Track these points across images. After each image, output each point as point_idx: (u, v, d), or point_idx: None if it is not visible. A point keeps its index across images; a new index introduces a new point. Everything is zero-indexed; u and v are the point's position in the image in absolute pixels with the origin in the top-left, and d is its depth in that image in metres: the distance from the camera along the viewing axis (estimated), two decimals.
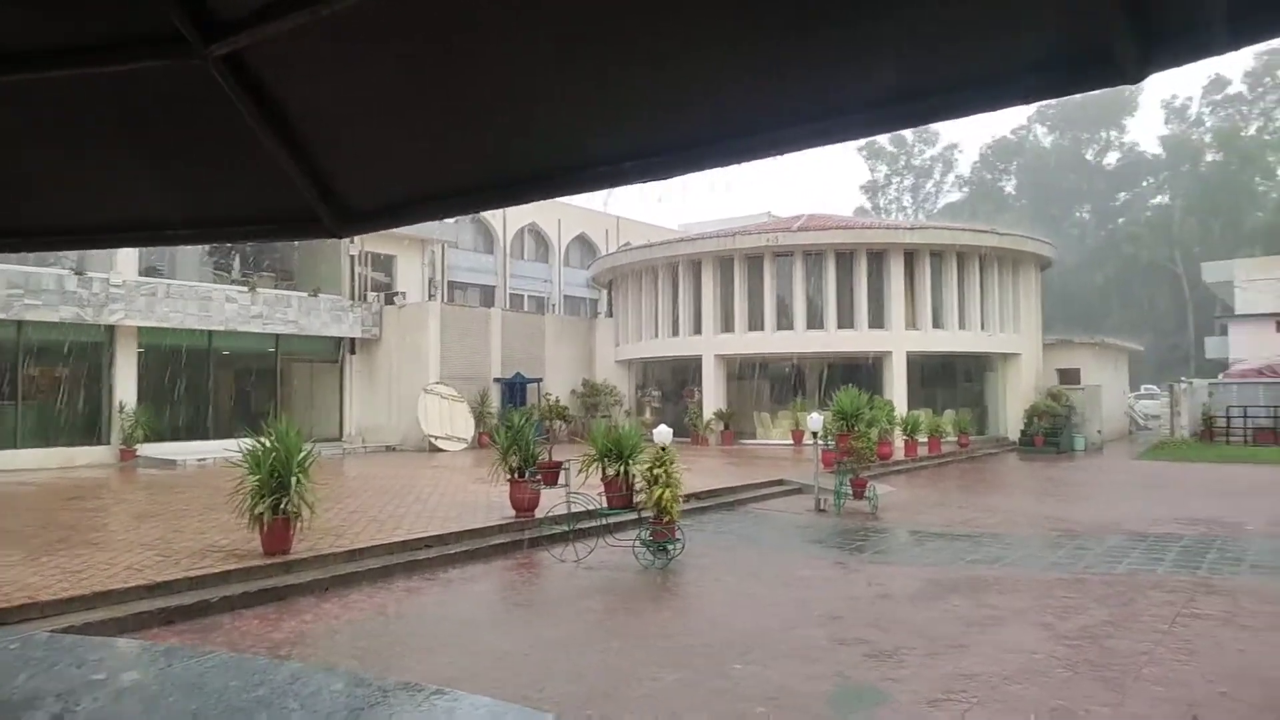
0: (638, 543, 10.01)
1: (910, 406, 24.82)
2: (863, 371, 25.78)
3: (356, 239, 25.64)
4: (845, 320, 25.93)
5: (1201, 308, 56.76)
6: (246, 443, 9.21)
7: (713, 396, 26.89)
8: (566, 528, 10.66)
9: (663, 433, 10.61)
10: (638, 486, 10.55)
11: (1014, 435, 26.92)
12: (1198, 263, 51.65)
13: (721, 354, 27.04)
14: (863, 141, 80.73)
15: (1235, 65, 67.44)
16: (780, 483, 16.79)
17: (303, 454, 9.08)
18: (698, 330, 27.42)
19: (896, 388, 25.26)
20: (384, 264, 28.64)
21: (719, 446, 25.81)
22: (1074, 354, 29.58)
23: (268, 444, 8.98)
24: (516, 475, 11.57)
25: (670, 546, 10.06)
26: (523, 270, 40.81)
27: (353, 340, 26.37)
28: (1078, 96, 70.29)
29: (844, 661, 6.39)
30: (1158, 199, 70.69)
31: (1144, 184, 72.15)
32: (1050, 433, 25.75)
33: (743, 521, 13.45)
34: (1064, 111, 72.41)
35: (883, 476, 18.60)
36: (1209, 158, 67.73)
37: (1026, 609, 7.97)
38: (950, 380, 29.83)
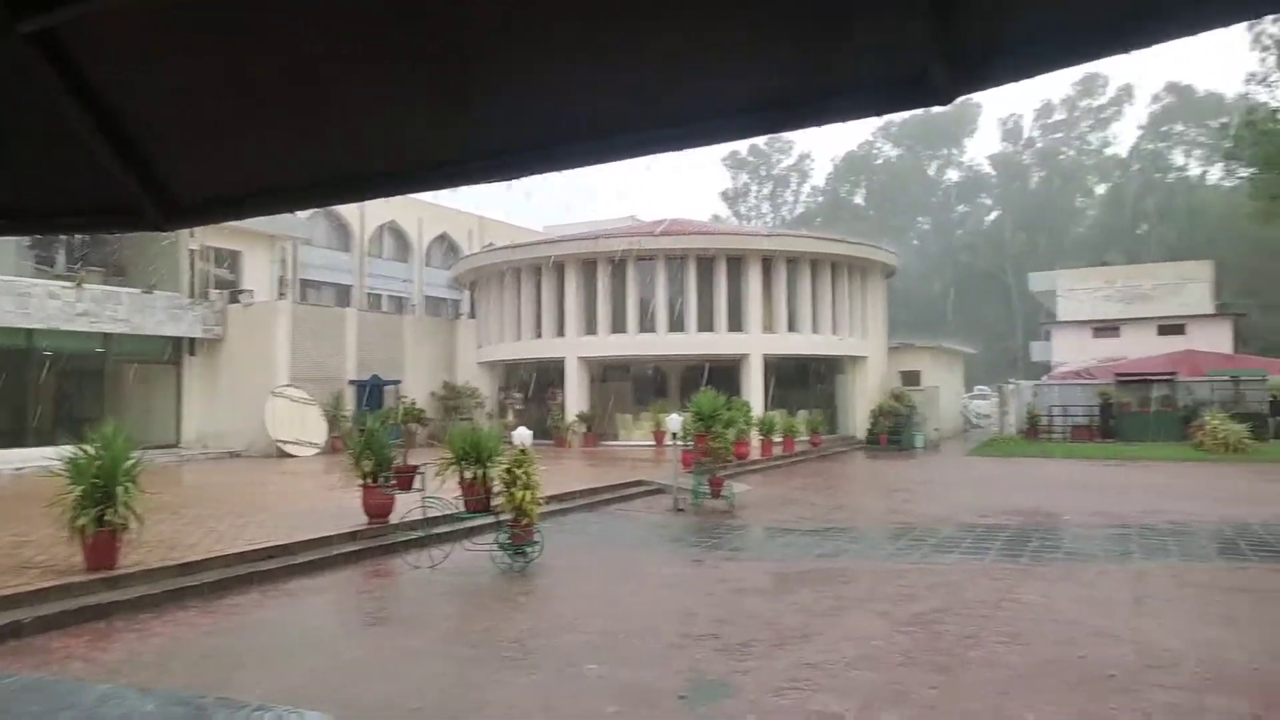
0: (496, 546, 9.90)
1: (766, 407, 25.66)
2: (722, 373, 26.45)
3: (197, 233, 24.18)
4: (705, 323, 26.52)
5: (1029, 315, 61.45)
6: (68, 450, 8.51)
7: (575, 398, 26.92)
8: (422, 533, 10.41)
9: (522, 434, 10.53)
10: (496, 489, 10.42)
11: (862, 434, 28.27)
12: (1025, 273, 55.86)
13: (584, 356, 27.11)
14: (725, 150, 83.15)
15: (1058, 90, 73.33)
16: (640, 483, 16.99)
17: (130, 461, 8.47)
18: (561, 332, 27.39)
19: (754, 389, 26.04)
20: (229, 260, 27.13)
21: (581, 448, 25.86)
22: (915, 357, 31.38)
23: (92, 451, 8.33)
24: (370, 480, 11.21)
25: (529, 549, 9.99)
26: (381, 269, 39.57)
27: (192, 341, 24.83)
28: (921, 116, 74.79)
29: (696, 657, 6.53)
30: (991, 214, 76.00)
31: (979, 199, 77.44)
32: (894, 431, 27.19)
33: (603, 522, 13.53)
34: (907, 129, 76.78)
35: (740, 475, 19.12)
36: (1035, 176, 73.41)
37: (867, 598, 8.39)
38: (804, 382, 31.02)
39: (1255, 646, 6.59)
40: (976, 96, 74.60)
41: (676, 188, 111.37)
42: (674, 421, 14.78)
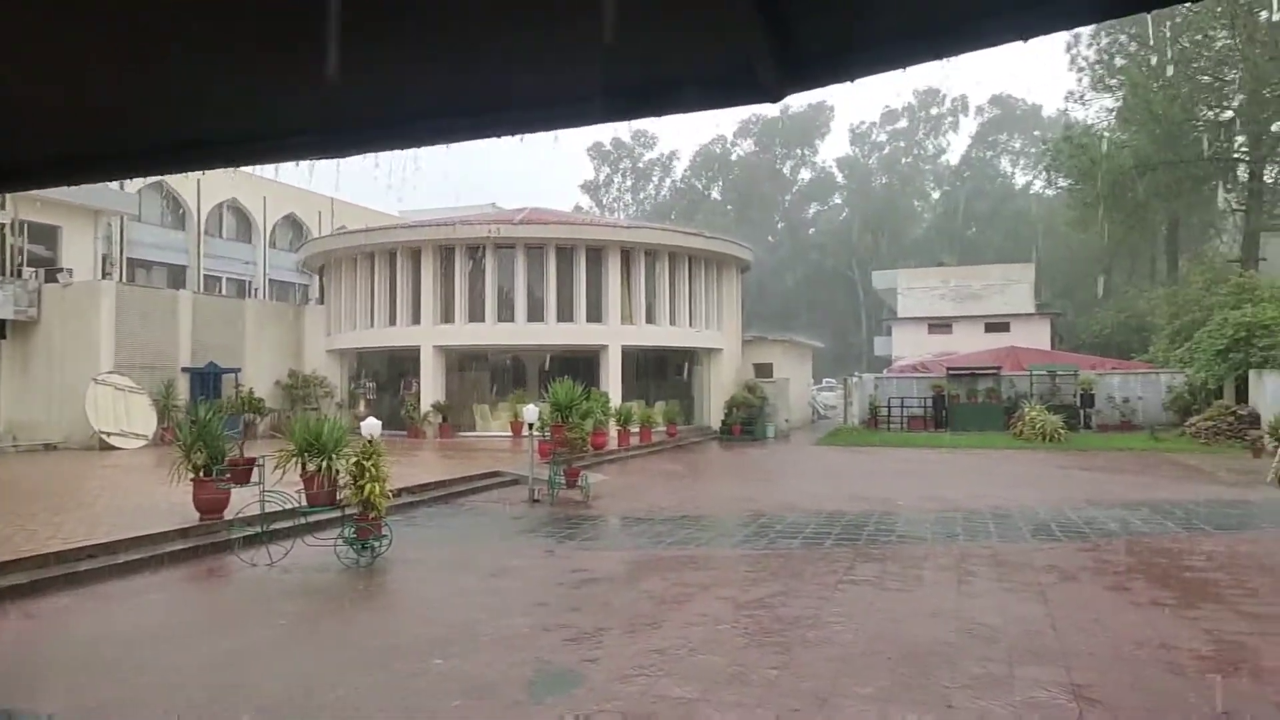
0: (340, 541, 9.53)
1: (625, 398, 25.89)
2: (581, 364, 26.48)
3: (8, 205, 22.02)
4: (565, 314, 26.46)
5: (873, 311, 64.78)
6: None
7: (431, 388, 26.28)
8: (259, 529, 9.88)
9: (370, 425, 10.17)
10: (342, 482, 10.04)
11: (716, 425, 28.99)
12: (870, 271, 58.85)
13: (441, 345, 26.50)
14: (589, 141, 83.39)
15: (899, 99, 77.43)
16: (496, 474, 16.79)
17: None
18: (416, 320, 26.65)
19: (612, 380, 26.22)
20: (45, 235, 24.88)
21: (437, 439, 25.30)
22: (767, 350, 32.44)
23: None
24: (202, 474, 10.55)
25: (376, 543, 9.68)
26: (221, 250, 37.31)
27: (2, 323, 22.62)
28: (777, 116, 76.88)
29: (545, 647, 6.51)
30: (841, 213, 79.52)
31: (830, 199, 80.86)
32: (746, 422, 28.04)
33: (456, 515, 13.29)
34: (764, 128, 79.24)
35: (597, 466, 19.24)
36: (879, 180, 77.37)
37: (715, 584, 8.61)
38: (661, 373, 31.51)
39: (1062, 619, 7.19)
40: (829, 100, 77.38)
41: (543, 177, 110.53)
42: (531, 412, 14.67)
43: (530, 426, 14.69)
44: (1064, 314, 48.37)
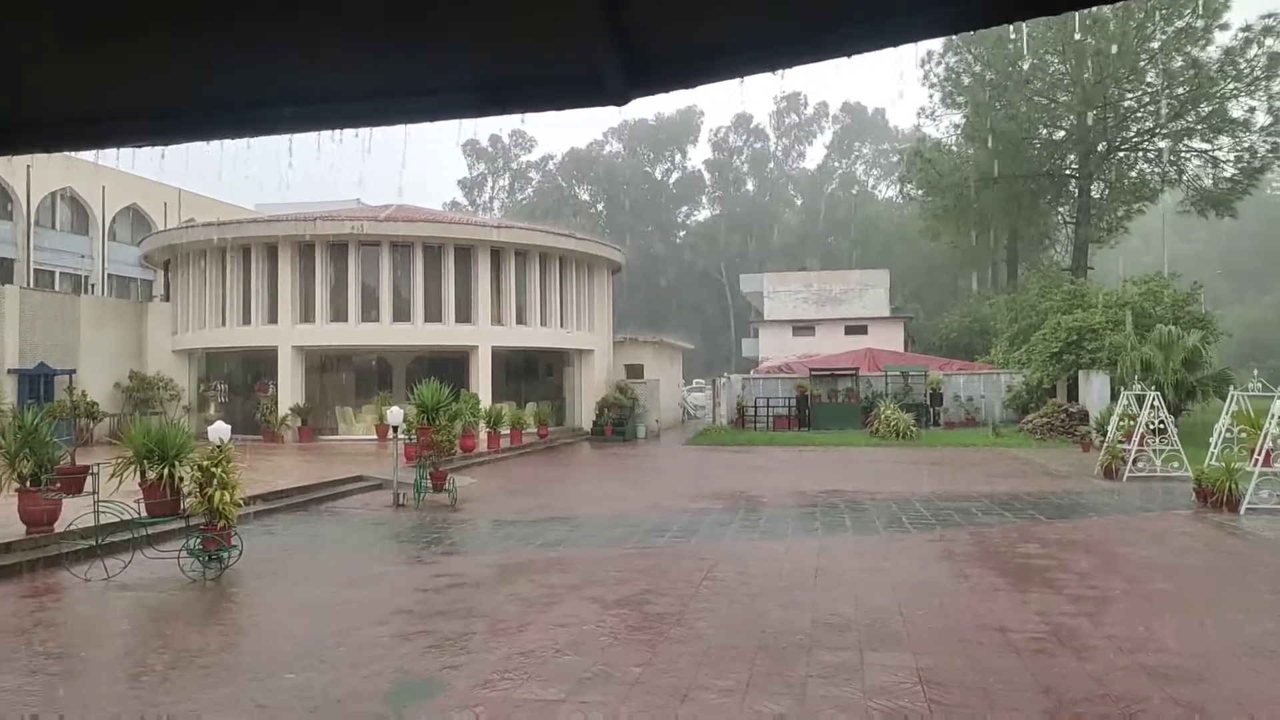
0: (184, 553, 8.98)
1: (495, 399, 25.57)
2: (450, 365, 25.98)
3: None
4: (433, 314, 25.88)
5: (740, 313, 66.49)
6: None
7: (290, 391, 25.14)
8: (94, 542, 9.19)
9: (219, 429, 9.63)
10: (186, 490, 9.46)
11: (588, 426, 29.03)
12: (738, 274, 60.38)
13: (300, 345, 25.40)
14: (465, 138, 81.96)
15: (763, 105, 79.79)
16: (359, 479, 16.26)
17: None
18: (273, 319, 25.44)
19: (482, 381, 25.83)
20: None
21: (296, 444, 24.23)
22: (638, 351, 32.76)
23: None
24: (28, 484, 9.72)
25: (225, 555, 9.17)
26: (54, 242, 34.53)
27: None
28: (648, 120, 77.69)
29: (406, 656, 6.34)
30: (709, 216, 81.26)
31: (700, 202, 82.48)
32: (618, 423, 28.21)
33: (315, 522, 12.77)
34: (635, 131, 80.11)
35: (466, 469, 18.91)
36: (746, 184, 79.56)
37: (582, 585, 8.61)
38: (533, 374, 31.32)
39: (910, 607, 7.57)
40: (698, 104, 78.95)
41: (418, 173, 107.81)
42: (395, 414, 14.27)
43: (395, 429, 14.29)
44: (916, 317, 51.09)
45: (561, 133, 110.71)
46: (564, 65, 1.56)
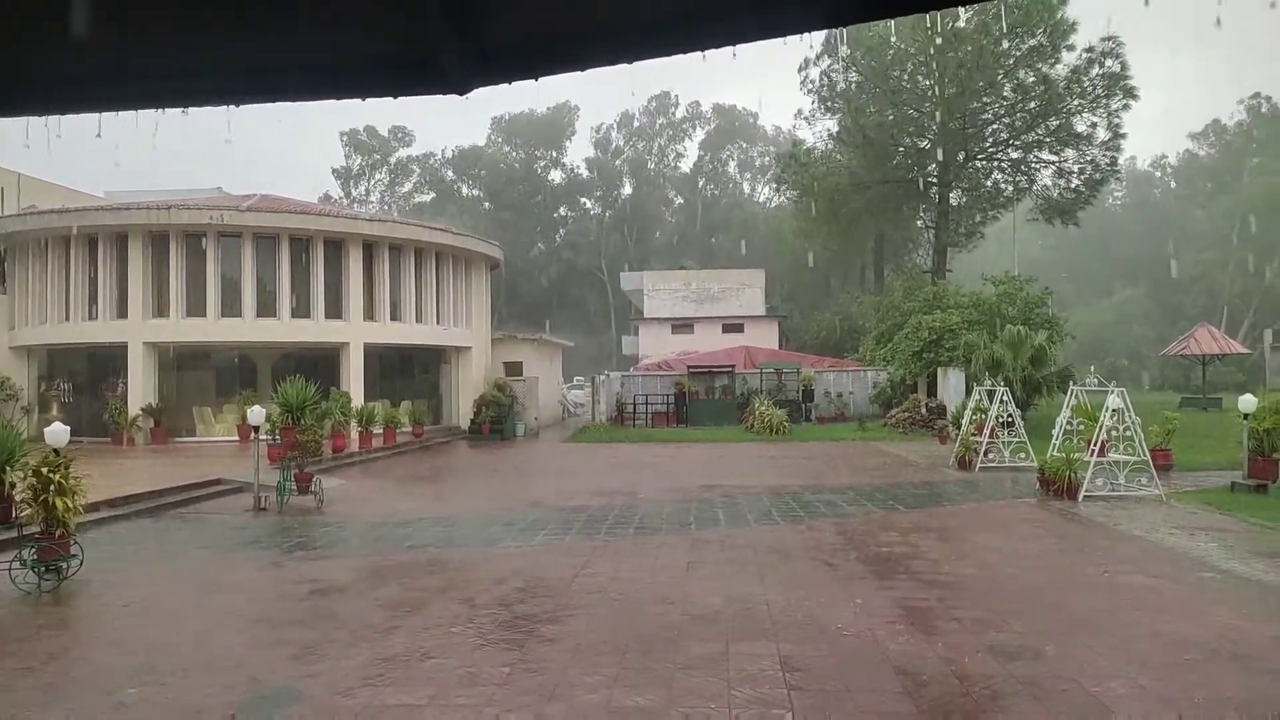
0: (16, 565, 8.30)
1: (368, 398, 24.80)
2: (320, 363, 25.02)
3: None
4: (301, 309, 24.86)
5: (621, 311, 66.84)
6: None
7: (141, 390, 23.61)
8: None
9: (56, 432, 8.94)
10: (20, 497, 8.75)
11: (465, 424, 28.53)
12: (618, 272, 60.66)
13: (153, 341, 23.89)
14: (345, 128, 79.16)
15: (638, 103, 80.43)
16: (218, 482, 15.46)
17: None
18: (123, 314, 23.84)
19: (354, 379, 24.99)
20: None
21: (149, 446, 22.80)
22: (518, 348, 32.45)
23: None
24: None
25: (63, 564, 8.54)
26: None
27: None
28: (530, 117, 77.22)
29: (262, 665, 6.05)
30: (591, 214, 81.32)
31: (581, 200, 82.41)
32: (496, 421, 27.85)
33: (167, 528, 12.04)
34: (517, 127, 79.35)
35: (336, 470, 18.27)
36: (626, 184, 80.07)
37: (453, 586, 8.45)
38: (408, 372, 30.55)
39: (776, 597, 7.78)
40: (576, 101, 78.86)
41: (292, 162, 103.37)
42: (257, 414, 13.62)
43: (256, 430, 13.65)
44: (790, 316, 52.62)
45: (443, 129, 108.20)
46: (403, 52, 1.53)
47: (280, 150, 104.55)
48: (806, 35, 1.54)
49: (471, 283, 30.23)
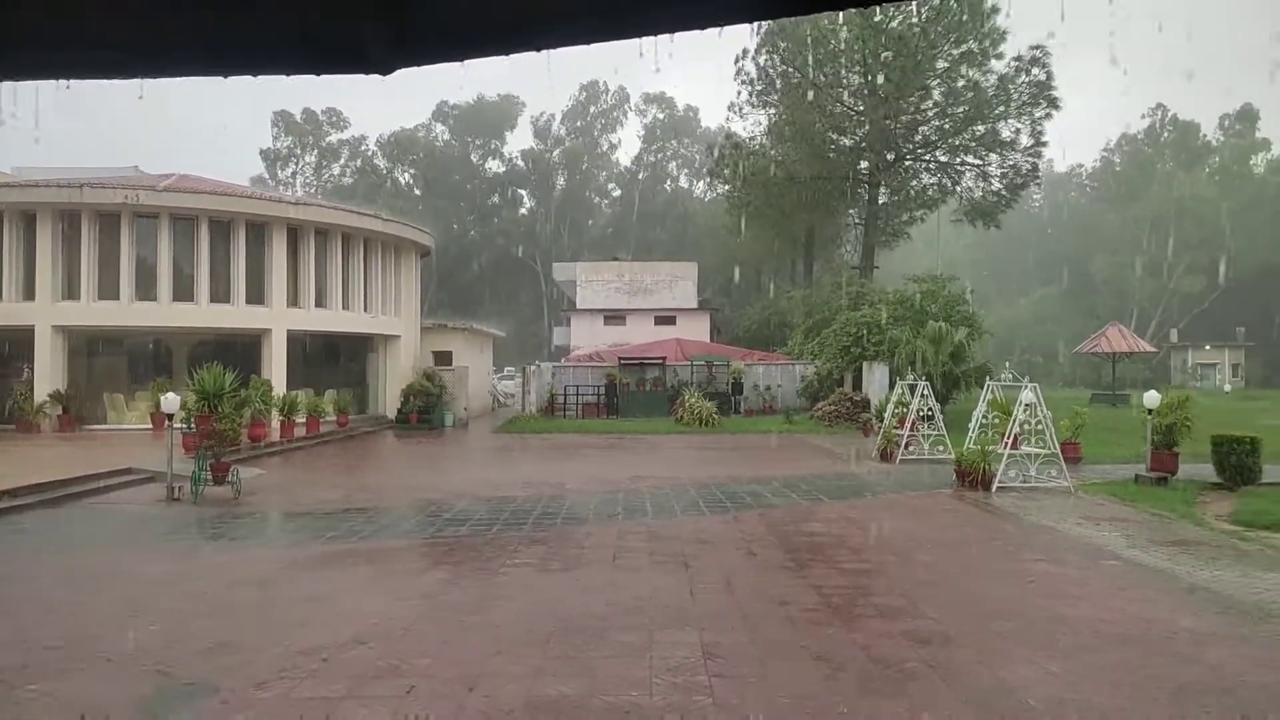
0: None
1: (291, 386, 24.15)
2: (240, 349, 24.30)
3: None
4: (220, 294, 24.07)
5: (554, 302, 66.54)
6: None
7: (49, 375, 22.58)
8: None
9: None
10: None
11: (393, 414, 28.05)
12: (552, 263, 60.38)
13: (62, 325, 22.84)
14: (277, 108, 76.87)
15: (570, 93, 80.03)
16: (129, 471, 14.90)
17: None
18: (30, 295, 22.75)
19: (276, 367, 24.33)
20: None
21: (56, 434, 21.84)
22: (448, 337, 32.02)
23: None
24: None
25: None
26: None
27: None
28: (474, 105, 76.20)
29: (172, 660, 5.86)
30: (525, 204, 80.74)
31: (516, 190, 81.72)
32: (424, 411, 27.46)
33: (72, 518, 11.56)
34: (458, 114, 78.31)
35: (255, 460, 17.79)
36: (562, 175, 79.64)
37: (376, 577, 8.32)
38: (333, 360, 29.87)
39: (700, 586, 7.87)
40: (516, 92, 78.15)
41: (220, 145, 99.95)
42: (171, 401, 13.16)
43: (171, 418, 13.19)
44: (722, 309, 53.11)
45: (376, 113, 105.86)
46: (325, 29, 1.50)
47: (208, 132, 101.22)
48: (747, 27, 1.56)
49: (401, 270, 29.71)
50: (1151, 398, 14.71)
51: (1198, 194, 63.76)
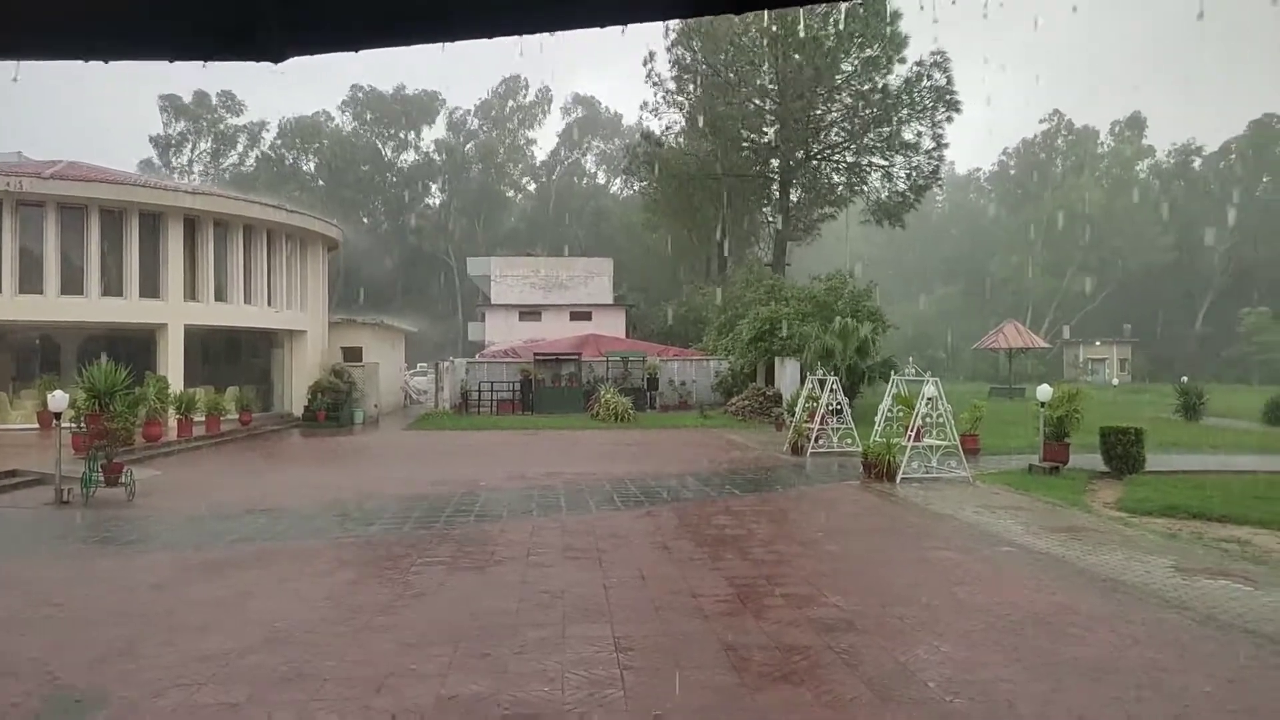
0: None
1: (189, 383, 23.23)
2: (134, 345, 23.22)
3: None
4: (113, 287, 22.96)
5: (468, 297, 65.68)
6: None
7: None
8: None
9: None
10: None
11: (299, 411, 27.25)
12: (465, 257, 59.55)
13: None
14: (165, 91, 73.42)
15: (487, 85, 79.15)
16: (14, 473, 14.12)
17: None
18: None
19: (173, 363, 23.34)
20: None
21: None
22: (357, 333, 31.28)
23: None
24: None
25: None
26: None
27: None
28: (378, 96, 74.46)
29: (60, 669, 5.58)
30: (438, 198, 79.39)
31: (428, 183, 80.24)
32: (332, 408, 26.75)
33: None
34: (366, 105, 76.38)
35: (151, 460, 17.05)
36: (475, 168, 78.63)
37: (279, 580, 8.09)
38: (235, 356, 28.85)
39: (613, 580, 7.91)
40: (434, 86, 76.73)
41: (100, 125, 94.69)
42: (59, 399, 12.49)
43: (59, 417, 12.52)
44: (638, 305, 53.36)
45: (278, 99, 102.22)
46: (217, 15, 1.47)
47: (95, 116, 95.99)
48: (658, 25, 1.59)
49: (307, 263, 28.88)
50: (1044, 391, 15.43)
51: (1088, 197, 67.21)
